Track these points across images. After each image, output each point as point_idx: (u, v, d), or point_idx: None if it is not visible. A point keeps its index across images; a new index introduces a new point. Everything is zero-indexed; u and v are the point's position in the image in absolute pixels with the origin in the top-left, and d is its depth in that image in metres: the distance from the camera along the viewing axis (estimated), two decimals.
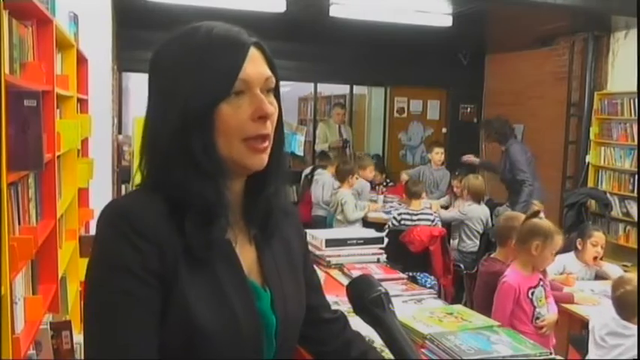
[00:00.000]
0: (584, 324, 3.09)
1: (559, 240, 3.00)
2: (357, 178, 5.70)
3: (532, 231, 2.96)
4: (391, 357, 1.00)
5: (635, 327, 2.57)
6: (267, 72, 0.98)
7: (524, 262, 2.95)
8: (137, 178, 1.00)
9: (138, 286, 0.89)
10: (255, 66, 0.96)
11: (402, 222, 5.07)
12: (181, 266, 0.92)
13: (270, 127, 0.97)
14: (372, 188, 6.41)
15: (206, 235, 0.93)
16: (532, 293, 2.90)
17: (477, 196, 5.28)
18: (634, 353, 2.52)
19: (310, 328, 1.13)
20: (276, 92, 1.01)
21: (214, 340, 0.92)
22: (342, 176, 5.64)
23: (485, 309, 3.09)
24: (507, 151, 5.68)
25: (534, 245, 2.90)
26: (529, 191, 5.37)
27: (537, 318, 2.89)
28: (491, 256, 3.40)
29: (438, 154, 6.53)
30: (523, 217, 3.47)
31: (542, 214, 3.42)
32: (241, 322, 0.95)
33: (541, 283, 2.95)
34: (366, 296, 1.01)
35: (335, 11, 5.78)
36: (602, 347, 2.64)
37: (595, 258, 3.81)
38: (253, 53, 0.96)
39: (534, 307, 2.89)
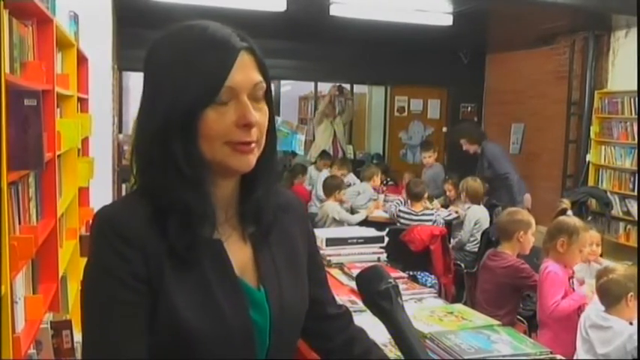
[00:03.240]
0: None
1: (586, 236, 3.08)
2: (343, 194, 5.52)
3: (558, 228, 3.06)
4: (395, 355, 0.99)
5: (613, 318, 2.59)
6: (257, 78, 0.95)
7: (555, 259, 3.02)
8: (132, 179, 1.00)
9: (125, 292, 0.90)
10: (243, 72, 0.93)
11: (402, 220, 5.08)
12: (167, 269, 0.92)
13: (255, 135, 0.95)
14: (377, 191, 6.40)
15: (190, 237, 0.93)
16: (572, 282, 3.00)
17: (475, 198, 5.28)
18: (613, 347, 2.51)
19: (315, 323, 1.12)
20: (267, 96, 0.98)
21: (203, 342, 0.92)
22: (329, 190, 5.47)
23: (494, 305, 3.11)
24: (483, 150, 6.05)
25: (560, 242, 2.99)
26: (516, 182, 5.70)
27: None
28: (498, 250, 3.37)
29: (424, 159, 6.73)
30: (525, 211, 3.47)
31: (569, 212, 3.43)
32: (229, 323, 0.94)
33: (571, 281, 3.03)
34: (374, 289, 1.00)
35: (335, 10, 5.77)
36: (587, 341, 2.64)
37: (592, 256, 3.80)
38: (243, 58, 0.94)
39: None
